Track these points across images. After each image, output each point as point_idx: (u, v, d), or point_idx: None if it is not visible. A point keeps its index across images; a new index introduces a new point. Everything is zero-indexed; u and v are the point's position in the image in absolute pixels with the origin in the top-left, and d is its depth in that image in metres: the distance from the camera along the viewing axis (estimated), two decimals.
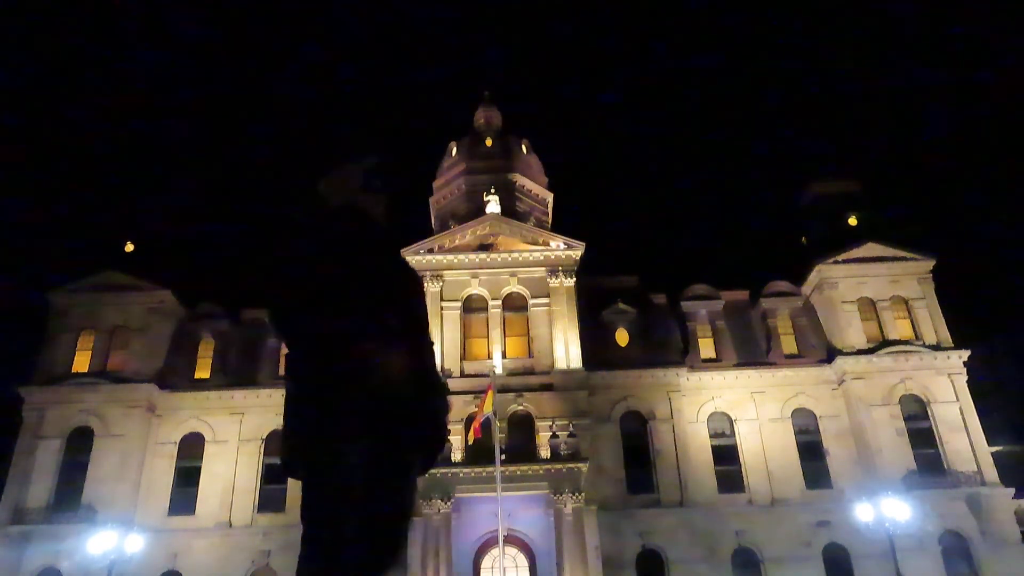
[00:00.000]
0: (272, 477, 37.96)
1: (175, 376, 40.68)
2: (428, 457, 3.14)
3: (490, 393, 30.55)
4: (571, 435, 34.77)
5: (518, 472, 33.26)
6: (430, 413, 3.09)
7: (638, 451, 38.69)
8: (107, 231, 44.78)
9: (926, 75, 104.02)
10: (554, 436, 34.87)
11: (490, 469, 30.38)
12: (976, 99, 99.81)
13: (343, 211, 3.20)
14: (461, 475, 33.77)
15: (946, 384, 39.42)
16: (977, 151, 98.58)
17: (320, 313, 2.94)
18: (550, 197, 50.96)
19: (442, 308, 40.20)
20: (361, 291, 2.99)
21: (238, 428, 39.28)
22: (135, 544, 31.19)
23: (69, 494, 37.07)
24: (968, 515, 36.35)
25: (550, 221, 49.53)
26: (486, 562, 35.27)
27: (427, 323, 3.28)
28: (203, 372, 41.28)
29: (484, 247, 41.85)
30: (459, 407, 37.17)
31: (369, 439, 2.84)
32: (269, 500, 37.51)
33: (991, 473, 37.34)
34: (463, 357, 39.32)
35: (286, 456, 2.97)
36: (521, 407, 37.56)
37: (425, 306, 3.35)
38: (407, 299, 3.16)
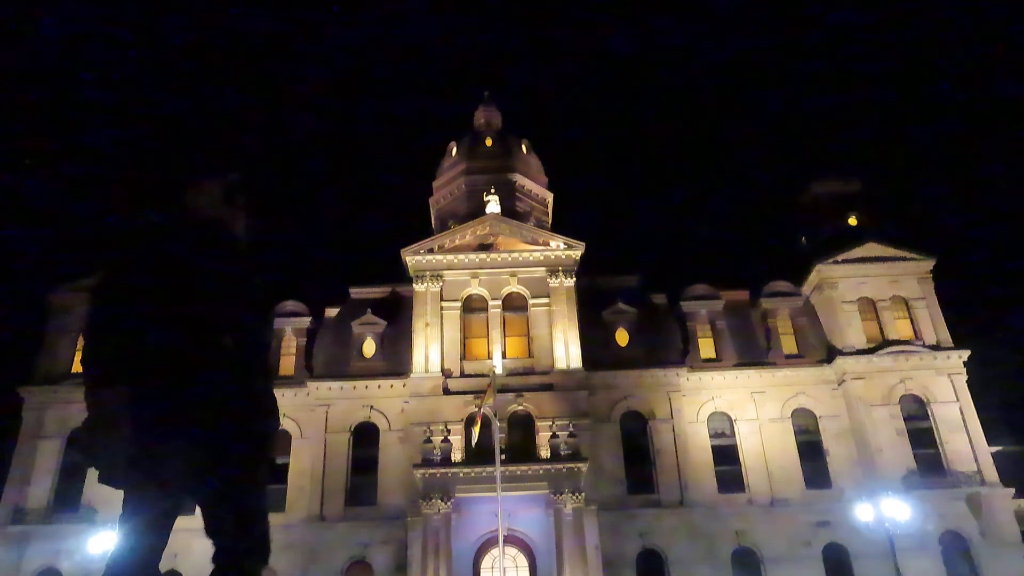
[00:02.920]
0: (272, 477, 37.89)
1: None
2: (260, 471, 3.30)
3: (489, 391, 30.50)
4: (571, 435, 34.76)
5: (518, 472, 33.26)
6: (256, 435, 3.21)
7: (638, 451, 38.72)
8: (99, 232, 44.77)
9: (926, 75, 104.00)
10: (554, 436, 34.87)
11: (490, 469, 30.39)
12: (976, 99, 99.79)
13: (202, 221, 3.30)
14: (461, 475, 33.77)
15: (946, 384, 39.44)
16: (977, 151, 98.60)
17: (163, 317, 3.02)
18: (550, 197, 50.97)
19: (442, 308, 40.21)
20: (205, 305, 3.11)
21: None
22: None
23: (69, 494, 37.10)
24: (968, 515, 36.37)
25: (550, 221, 49.53)
26: (486, 562, 35.28)
27: (268, 345, 3.42)
28: None
29: (484, 247, 41.85)
30: (459, 407, 37.18)
31: (193, 450, 2.98)
32: (269, 500, 37.45)
33: (991, 473, 37.36)
34: (463, 357, 39.32)
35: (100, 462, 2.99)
36: (521, 407, 37.55)
37: (270, 329, 3.51)
38: (253, 319, 3.29)
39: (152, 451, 2.91)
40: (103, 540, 30.29)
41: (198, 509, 3.16)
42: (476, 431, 30.63)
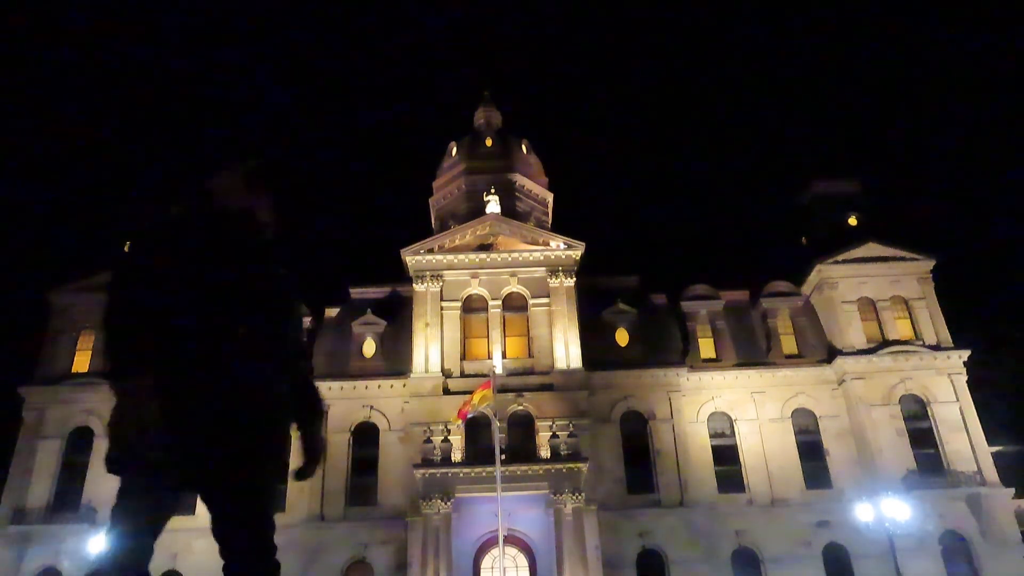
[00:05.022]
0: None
1: None
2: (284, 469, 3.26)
3: (485, 391, 30.30)
4: (571, 435, 34.76)
5: (518, 472, 33.26)
6: (270, 431, 3.15)
7: (638, 451, 38.69)
8: (107, 231, 44.76)
9: (926, 74, 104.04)
10: (554, 436, 34.86)
11: (490, 469, 30.37)
12: (976, 98, 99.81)
13: (225, 210, 3.25)
14: (461, 475, 33.78)
15: (946, 384, 39.43)
16: (977, 151, 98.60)
17: (191, 311, 3.00)
18: (550, 197, 50.97)
19: (442, 308, 40.21)
20: (239, 297, 3.07)
21: None
22: None
23: (69, 494, 37.09)
24: (968, 515, 36.36)
25: (550, 221, 49.53)
26: (486, 562, 35.28)
27: (292, 338, 3.34)
28: None
29: (484, 247, 41.85)
30: (459, 407, 37.13)
31: (223, 447, 2.96)
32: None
33: (991, 473, 37.35)
34: (463, 357, 39.32)
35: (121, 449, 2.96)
36: (521, 407, 37.54)
37: (296, 322, 3.42)
38: (283, 310, 3.24)
39: (175, 447, 2.90)
40: (103, 540, 30.28)
41: (197, 508, 3.13)
42: (457, 423, 30.23)
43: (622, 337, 41.39)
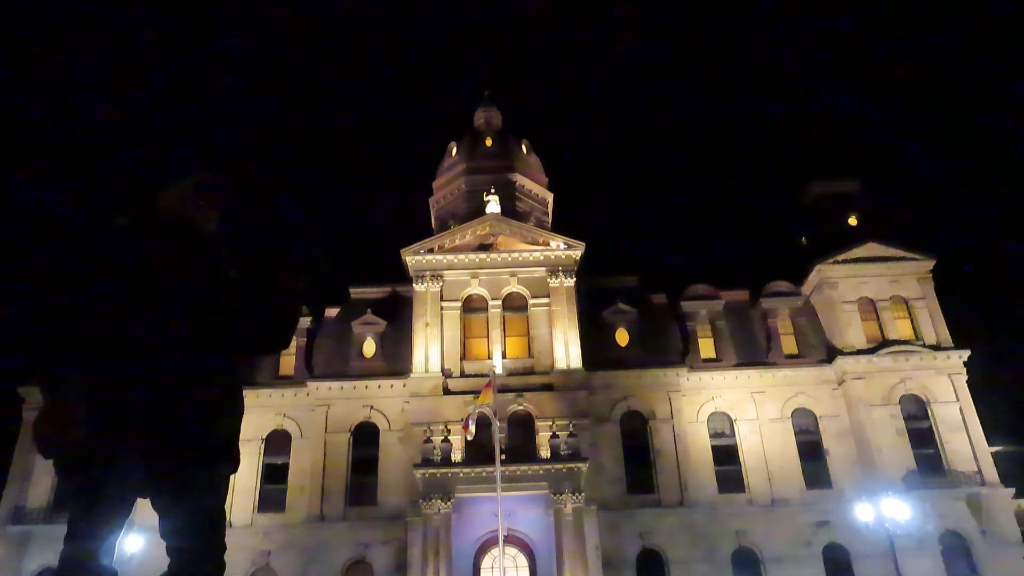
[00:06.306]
0: (272, 477, 38.02)
1: None
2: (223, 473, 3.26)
3: (487, 391, 30.34)
4: (571, 435, 34.77)
5: (518, 472, 33.27)
6: (212, 430, 3.13)
7: (638, 451, 38.72)
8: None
9: (927, 75, 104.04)
10: (554, 436, 34.87)
11: (490, 469, 30.36)
12: (976, 99, 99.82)
13: (168, 220, 3.31)
14: (461, 475, 33.78)
15: (946, 384, 39.43)
16: (977, 151, 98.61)
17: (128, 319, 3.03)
18: (550, 197, 50.97)
19: (442, 308, 40.23)
20: (175, 297, 3.11)
21: None
22: (135, 544, 31.17)
23: None
24: (968, 515, 36.37)
25: (550, 221, 49.53)
26: (486, 562, 35.29)
27: (240, 339, 3.35)
28: None
29: (484, 247, 41.85)
30: (459, 407, 37.18)
31: (153, 443, 2.95)
32: (269, 500, 37.55)
33: (991, 473, 37.37)
34: (463, 357, 39.33)
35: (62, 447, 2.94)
36: (521, 407, 37.56)
37: (242, 323, 3.41)
38: (223, 308, 3.25)
39: (108, 445, 2.90)
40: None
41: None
42: (469, 432, 30.29)
43: (622, 337, 41.40)
